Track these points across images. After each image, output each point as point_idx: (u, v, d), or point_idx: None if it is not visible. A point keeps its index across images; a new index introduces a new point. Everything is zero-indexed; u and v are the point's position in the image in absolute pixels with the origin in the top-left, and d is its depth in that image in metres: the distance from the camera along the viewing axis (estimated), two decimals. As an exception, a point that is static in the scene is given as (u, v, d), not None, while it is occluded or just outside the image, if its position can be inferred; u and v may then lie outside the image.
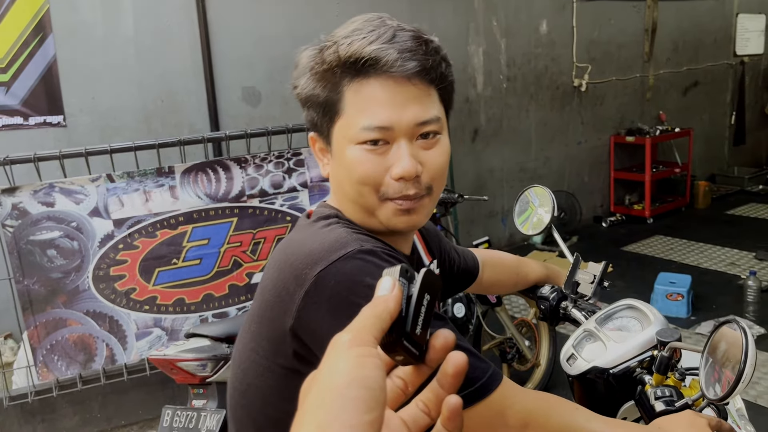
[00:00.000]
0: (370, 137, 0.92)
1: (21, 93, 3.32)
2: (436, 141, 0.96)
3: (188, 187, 2.84)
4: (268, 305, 0.94)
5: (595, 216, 6.20)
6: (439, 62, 0.94)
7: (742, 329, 0.91)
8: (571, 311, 1.38)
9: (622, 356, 1.14)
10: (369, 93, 0.91)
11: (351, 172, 0.94)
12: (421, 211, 0.97)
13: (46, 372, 2.75)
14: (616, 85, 6.12)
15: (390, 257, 0.91)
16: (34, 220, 2.63)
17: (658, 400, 1.05)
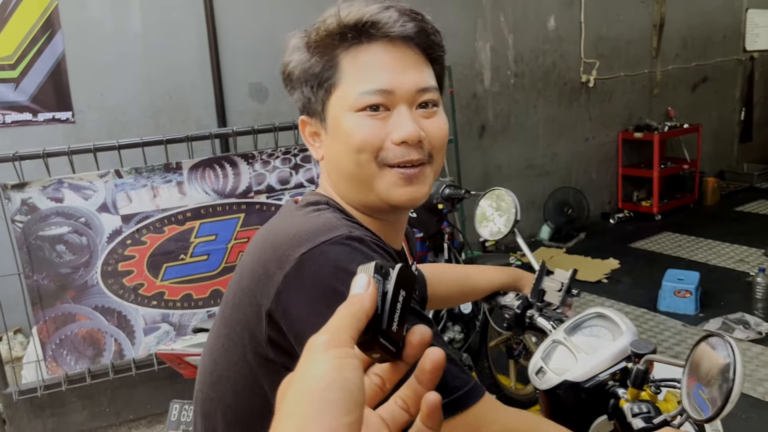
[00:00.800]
0: (370, 101, 0.89)
1: (30, 89, 3.34)
2: (434, 112, 0.94)
3: (196, 182, 2.85)
4: (246, 289, 0.89)
5: (602, 212, 6.18)
6: (435, 32, 0.94)
7: (729, 345, 0.86)
8: (537, 320, 1.32)
9: (594, 369, 1.09)
10: (368, 57, 0.90)
11: (349, 139, 0.90)
12: (423, 181, 0.93)
13: (55, 366, 2.77)
14: (624, 81, 6.09)
15: (378, 248, 0.87)
16: (43, 216, 2.64)
17: (636, 417, 1.00)
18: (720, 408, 0.84)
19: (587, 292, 4.41)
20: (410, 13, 0.92)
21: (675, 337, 3.67)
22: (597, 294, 4.36)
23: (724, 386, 0.84)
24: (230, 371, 0.93)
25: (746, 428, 2.81)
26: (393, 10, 0.90)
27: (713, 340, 0.90)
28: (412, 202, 0.93)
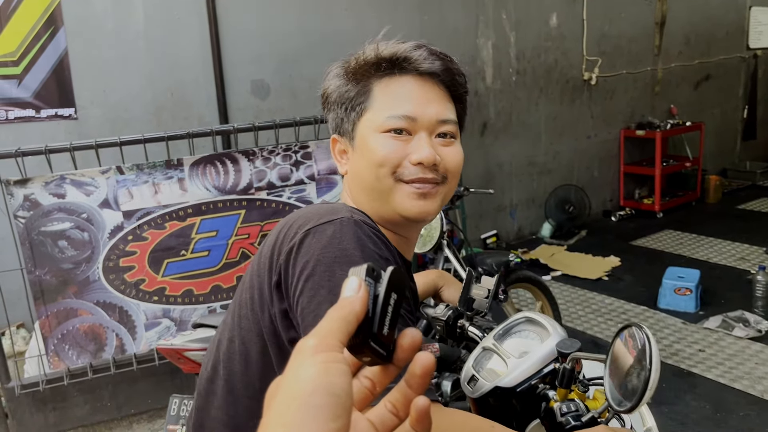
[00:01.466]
0: (395, 125, 1.02)
1: (33, 86, 3.36)
2: (452, 142, 1.06)
3: (197, 179, 2.87)
4: (263, 267, 0.97)
5: (604, 210, 6.18)
6: (460, 73, 1.07)
7: (645, 334, 0.87)
8: (468, 330, 1.30)
9: (524, 373, 1.09)
10: (398, 87, 1.03)
11: (373, 155, 1.02)
12: (435, 198, 1.04)
13: (57, 361, 2.80)
14: (626, 78, 6.08)
15: (375, 236, 0.94)
16: (46, 212, 2.66)
17: (565, 415, 1.00)
18: (639, 397, 0.84)
19: (587, 289, 4.42)
20: (439, 53, 1.05)
21: (675, 334, 3.68)
22: (597, 291, 4.37)
23: (642, 374, 0.84)
24: (244, 346, 1.00)
25: (745, 426, 2.81)
26: (424, 50, 1.03)
27: (630, 330, 0.91)
28: (423, 215, 1.04)
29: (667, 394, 3.09)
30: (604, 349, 2.98)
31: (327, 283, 0.87)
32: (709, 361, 3.36)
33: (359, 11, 4.34)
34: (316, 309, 0.86)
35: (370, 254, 0.90)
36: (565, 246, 5.33)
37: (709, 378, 3.20)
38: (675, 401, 3.02)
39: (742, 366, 3.29)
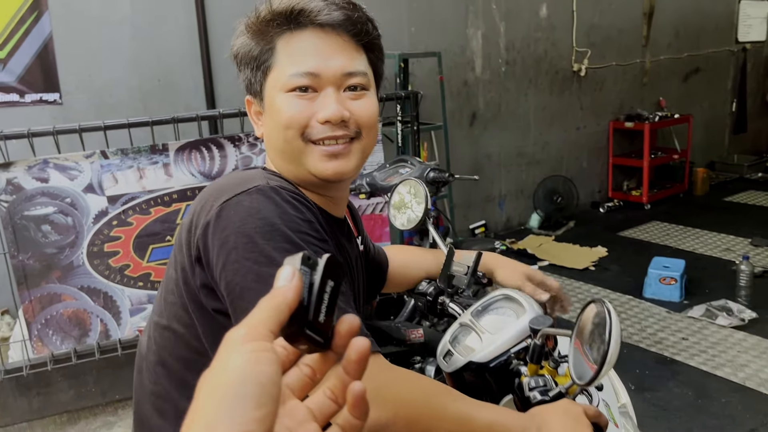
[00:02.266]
0: (298, 83, 0.97)
1: (17, 70, 3.33)
2: (362, 95, 1.01)
3: (182, 164, 2.86)
4: (181, 243, 0.96)
5: (592, 201, 6.21)
6: (365, 20, 1.00)
7: (606, 309, 0.88)
8: (448, 306, 1.31)
9: (498, 348, 1.10)
10: (298, 43, 0.97)
11: (279, 117, 0.98)
12: (349, 157, 1.00)
13: (41, 346, 2.79)
14: (615, 70, 6.10)
15: (295, 200, 0.92)
16: (29, 196, 2.64)
17: (533, 390, 1.01)
18: (597, 370, 0.86)
19: (575, 279, 4.44)
20: (339, 2, 0.98)
21: (659, 323, 3.71)
22: (584, 281, 4.39)
23: (601, 348, 0.85)
24: (173, 321, 0.99)
25: (726, 413, 2.84)
26: (320, 1, 0.97)
27: (593, 305, 0.93)
28: (338, 176, 1.00)
29: (650, 380, 3.11)
30: None
31: (251, 255, 0.85)
32: (692, 349, 3.39)
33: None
34: (242, 281, 0.85)
35: (291, 219, 0.89)
36: (553, 236, 5.35)
37: (691, 365, 3.23)
38: (658, 388, 3.05)
39: (724, 354, 3.32)
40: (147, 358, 1.04)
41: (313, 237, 0.90)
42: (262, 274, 0.84)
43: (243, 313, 0.84)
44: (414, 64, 4.60)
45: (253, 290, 0.84)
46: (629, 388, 3.04)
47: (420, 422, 0.87)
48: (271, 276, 0.84)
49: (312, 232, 0.91)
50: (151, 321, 1.06)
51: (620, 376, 3.17)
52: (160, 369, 1.01)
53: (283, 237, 0.86)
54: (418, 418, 0.87)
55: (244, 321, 0.43)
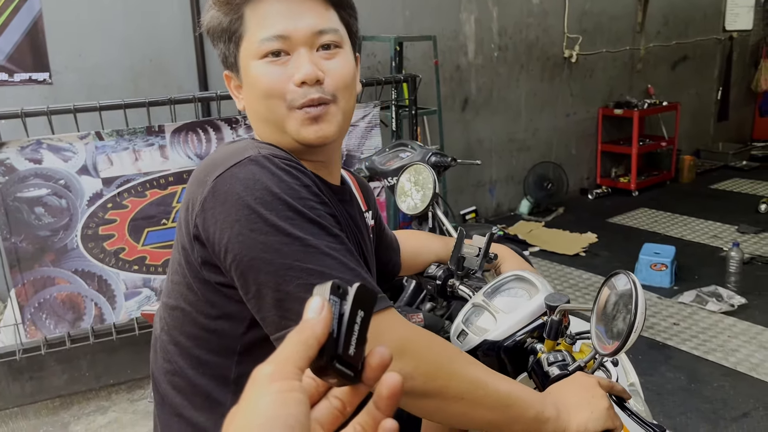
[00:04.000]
0: (270, 48, 0.95)
1: (6, 48, 3.25)
2: (336, 53, 0.99)
3: (178, 146, 2.81)
4: (182, 221, 0.95)
5: (581, 188, 6.24)
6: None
7: (632, 280, 0.89)
8: (458, 288, 1.32)
9: (513, 327, 1.11)
10: (265, 7, 0.96)
11: (257, 87, 0.97)
12: (329, 119, 0.98)
13: (34, 330, 2.74)
14: (606, 57, 6.11)
15: (289, 167, 0.91)
16: (21, 177, 2.59)
17: (552, 365, 1.02)
18: (625, 339, 0.87)
19: (565, 264, 4.47)
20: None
21: (650, 309, 3.75)
22: (575, 267, 4.42)
23: (627, 318, 0.87)
24: (180, 301, 0.98)
25: (718, 396, 2.89)
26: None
27: (616, 277, 0.94)
28: (321, 140, 0.98)
29: (643, 365, 3.15)
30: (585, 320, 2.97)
31: (255, 225, 0.85)
32: (683, 334, 3.43)
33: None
34: (250, 252, 0.85)
35: (288, 186, 0.88)
36: (543, 222, 5.38)
37: (683, 350, 3.28)
38: (651, 372, 3.09)
39: (715, 339, 3.37)
40: (160, 338, 1.05)
41: (314, 201, 0.90)
42: (269, 242, 0.84)
43: (254, 283, 0.85)
44: (407, 47, 4.56)
45: (262, 260, 0.84)
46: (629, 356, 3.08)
47: (437, 379, 0.88)
48: (278, 244, 0.84)
49: (311, 196, 0.90)
50: (162, 302, 1.06)
51: (614, 360, 3.17)
52: (172, 348, 1.01)
53: (285, 204, 0.86)
54: (435, 375, 0.88)
55: (271, 357, 0.42)
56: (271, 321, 0.87)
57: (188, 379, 0.99)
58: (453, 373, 0.89)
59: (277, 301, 0.85)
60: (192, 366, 0.99)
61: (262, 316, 0.88)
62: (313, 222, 0.87)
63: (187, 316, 0.98)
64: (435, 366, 0.88)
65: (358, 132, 3.12)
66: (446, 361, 0.90)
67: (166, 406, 1.03)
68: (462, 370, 0.90)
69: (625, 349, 0.87)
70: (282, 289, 0.84)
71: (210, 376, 0.97)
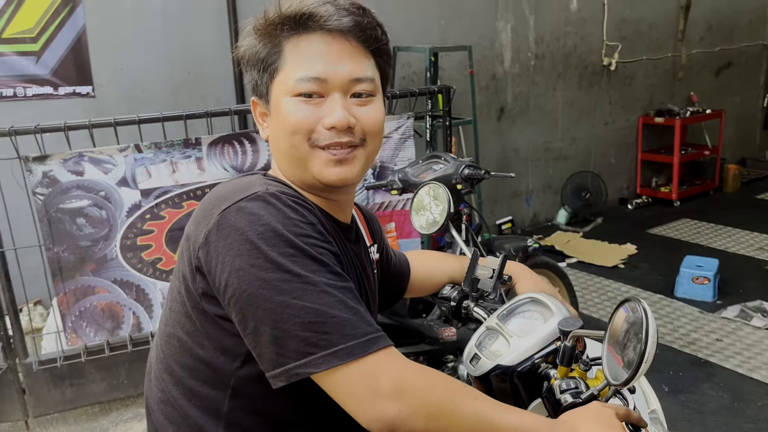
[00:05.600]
0: (305, 89, 0.96)
1: (51, 63, 3.35)
2: (369, 101, 1.00)
3: (215, 158, 2.86)
4: (184, 250, 0.96)
5: (621, 198, 6.13)
6: (374, 26, 0.99)
7: (642, 308, 0.86)
8: (473, 310, 1.30)
9: (526, 352, 1.08)
10: (306, 47, 0.96)
11: (285, 122, 0.98)
12: (353, 163, 1.00)
13: (74, 338, 2.81)
14: (646, 64, 5.99)
15: (296, 204, 0.92)
16: (64, 189, 2.66)
17: (564, 393, 0.98)
18: (635, 370, 0.84)
19: (603, 276, 4.39)
20: (349, 7, 0.97)
21: (692, 323, 3.65)
22: (613, 279, 4.33)
23: (638, 347, 0.84)
24: (177, 329, 0.99)
25: (763, 416, 2.79)
26: (330, 5, 0.96)
27: (628, 304, 0.90)
28: (342, 182, 1.00)
29: (684, 382, 3.06)
30: None
31: (256, 261, 0.86)
32: (726, 351, 3.33)
33: (378, -8, 4.29)
34: (249, 288, 0.85)
35: (293, 223, 0.89)
36: (581, 233, 5.29)
37: (726, 367, 3.17)
38: (692, 390, 3.00)
39: (760, 356, 3.25)
40: (156, 366, 1.05)
41: (316, 239, 0.91)
42: (269, 279, 0.85)
43: (251, 318, 0.86)
44: (443, 57, 4.55)
45: (261, 296, 0.85)
46: (662, 390, 3.00)
47: (440, 420, 0.86)
48: (277, 280, 0.84)
49: (315, 234, 0.91)
50: (159, 329, 1.06)
51: (653, 377, 3.12)
52: (166, 376, 1.01)
53: (286, 242, 0.87)
54: (438, 415, 0.86)
55: None
56: (268, 358, 0.87)
57: (181, 410, 0.99)
58: (456, 411, 0.87)
59: (274, 338, 0.85)
60: (185, 397, 0.99)
61: (258, 352, 0.88)
62: (315, 259, 0.88)
63: (183, 346, 0.98)
64: (437, 406, 0.86)
65: (391, 143, 3.12)
66: (448, 399, 0.87)
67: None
68: (465, 408, 0.87)
69: (635, 380, 0.85)
70: (279, 326, 0.84)
71: (202, 409, 0.97)
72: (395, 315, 2.50)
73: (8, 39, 3.26)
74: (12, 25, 3.26)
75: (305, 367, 0.84)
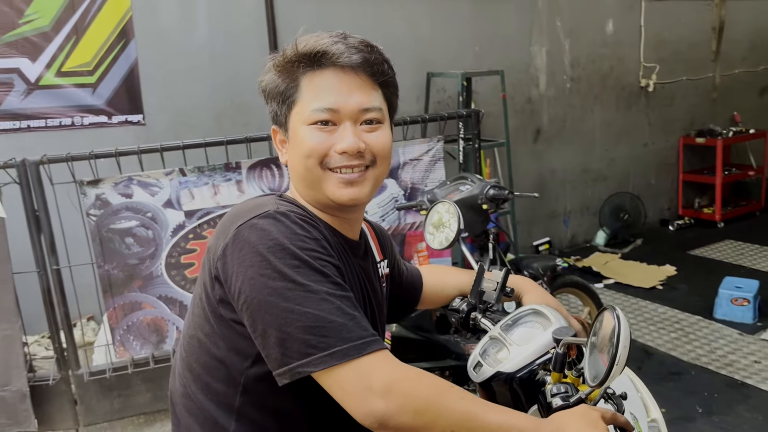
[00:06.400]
0: (320, 118, 1.08)
1: (106, 94, 3.60)
2: (377, 128, 1.12)
3: (253, 181, 3.02)
4: (206, 262, 1.08)
5: (662, 219, 6.06)
6: (381, 62, 1.11)
7: (616, 315, 0.93)
8: (480, 321, 1.38)
9: (525, 359, 1.15)
10: (320, 81, 1.09)
11: (301, 147, 1.10)
12: (364, 184, 1.11)
13: (122, 350, 2.98)
14: (686, 85, 5.96)
15: (303, 221, 1.03)
16: (115, 210, 2.85)
17: (555, 396, 1.05)
18: (607, 372, 0.91)
19: (640, 298, 4.36)
20: (359, 45, 1.10)
21: (730, 345, 3.60)
22: (650, 300, 4.30)
23: (611, 352, 0.91)
24: (197, 331, 1.11)
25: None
26: (341, 44, 1.09)
27: (606, 312, 0.98)
28: (353, 201, 1.12)
29: (719, 404, 3.03)
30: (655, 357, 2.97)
31: (265, 271, 0.97)
32: (764, 373, 3.27)
33: (413, 20, 4.44)
34: (258, 295, 0.97)
35: (298, 239, 1.00)
36: (620, 254, 5.26)
37: (763, 389, 3.13)
38: (726, 412, 2.97)
39: (799, 379, 3.20)
40: (179, 363, 1.18)
41: (319, 252, 1.02)
42: (276, 287, 0.97)
43: (260, 322, 0.98)
44: (478, 81, 4.66)
45: (269, 302, 0.97)
46: (696, 411, 2.97)
47: (426, 414, 0.94)
48: (283, 289, 0.97)
49: (318, 248, 1.02)
50: (183, 332, 1.19)
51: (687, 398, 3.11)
52: (187, 373, 1.13)
53: (292, 255, 0.98)
54: (424, 411, 0.94)
55: None
56: (274, 358, 0.98)
57: (199, 403, 1.11)
58: (442, 407, 0.94)
59: (279, 341, 0.96)
60: (202, 391, 1.11)
61: (266, 353, 0.99)
62: (317, 270, 0.99)
63: (201, 346, 1.10)
64: (423, 402, 0.94)
65: (422, 166, 3.23)
66: (434, 396, 0.95)
67: (181, 427, 1.16)
68: (451, 404, 0.95)
69: (609, 381, 0.92)
70: (284, 329, 0.96)
71: (217, 403, 1.09)
72: (422, 330, 2.58)
73: (67, 72, 3.53)
74: (71, 59, 3.52)
75: (306, 366, 0.95)
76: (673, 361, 3.45)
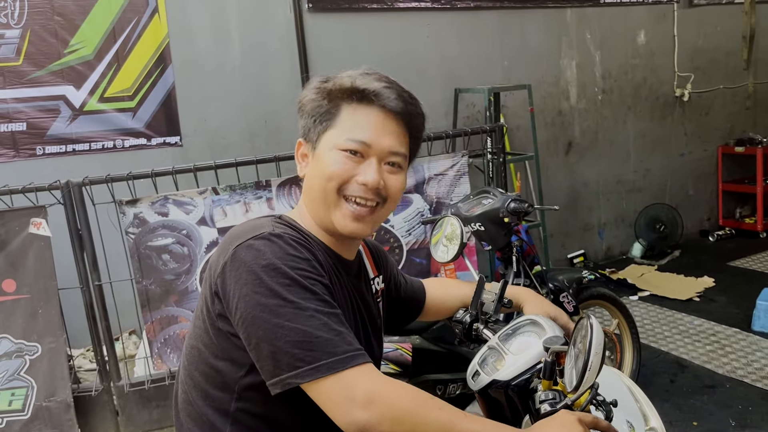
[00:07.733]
0: (351, 147, 1.16)
1: (145, 117, 3.78)
2: (397, 171, 1.22)
3: (283, 198, 3.12)
4: (206, 279, 1.16)
5: (701, 229, 5.95)
6: (418, 115, 1.21)
7: (590, 324, 0.97)
8: (482, 331, 1.42)
9: (520, 368, 1.18)
10: (362, 116, 1.18)
11: (326, 168, 1.18)
12: (368, 222, 1.19)
13: (160, 363, 3.11)
14: (724, 93, 5.87)
15: (295, 242, 1.11)
16: (152, 228, 2.99)
17: (543, 403, 1.09)
18: (580, 378, 0.95)
19: (676, 310, 4.29)
20: (405, 96, 1.20)
21: (767, 358, 3.52)
22: (686, 312, 4.24)
23: (582, 358, 0.96)
24: (197, 341, 1.19)
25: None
26: (393, 90, 1.18)
27: (582, 321, 1.03)
28: (354, 235, 1.20)
29: (753, 417, 2.97)
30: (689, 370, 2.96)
31: (258, 289, 1.05)
32: (803, 386, 3.20)
33: (441, 37, 4.52)
34: (252, 311, 1.05)
35: (290, 259, 1.08)
36: (656, 266, 5.19)
37: (801, 403, 3.06)
38: (761, 425, 2.91)
39: (840, 392, 3.11)
40: (181, 371, 1.27)
41: (309, 272, 1.09)
42: (268, 304, 1.05)
43: (254, 336, 1.06)
44: (506, 96, 4.70)
45: (261, 318, 1.04)
46: (729, 424, 2.93)
47: (405, 423, 1.00)
48: (274, 305, 1.06)
49: (309, 268, 1.10)
50: (185, 342, 1.28)
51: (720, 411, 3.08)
52: (188, 380, 1.22)
53: (283, 274, 1.06)
54: (403, 420, 1.00)
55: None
56: (267, 369, 1.06)
57: (198, 409, 1.20)
58: (419, 417, 1.00)
59: (271, 354, 1.04)
60: (201, 398, 1.19)
61: (260, 364, 1.07)
62: (306, 289, 1.07)
63: (201, 355, 1.19)
64: (402, 412, 1.00)
65: (447, 180, 3.28)
66: (414, 407, 1.01)
67: (184, 430, 1.25)
68: (430, 415, 1.00)
69: (583, 386, 0.96)
70: (274, 344, 1.03)
71: (214, 408, 1.17)
72: (443, 342, 2.62)
73: (109, 98, 3.72)
74: (113, 85, 3.71)
75: (295, 378, 1.02)
76: (707, 374, 3.40)
